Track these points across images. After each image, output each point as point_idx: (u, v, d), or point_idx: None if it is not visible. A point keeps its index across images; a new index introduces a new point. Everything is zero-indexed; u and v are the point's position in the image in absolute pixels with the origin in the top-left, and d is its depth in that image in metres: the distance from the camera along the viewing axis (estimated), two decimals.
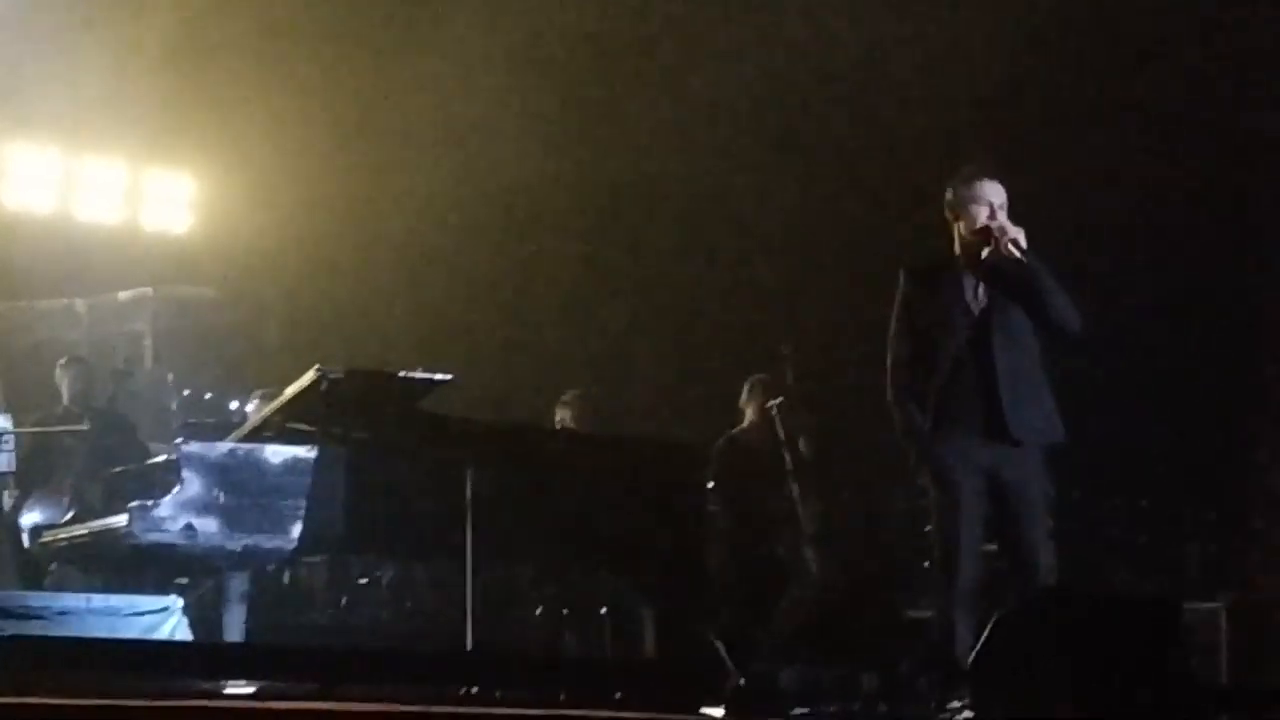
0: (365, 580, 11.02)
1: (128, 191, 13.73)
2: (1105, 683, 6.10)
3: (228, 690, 6.69)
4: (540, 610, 9.97)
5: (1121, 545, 10.28)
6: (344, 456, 7.86)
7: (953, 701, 6.63)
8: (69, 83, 12.32)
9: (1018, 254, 6.93)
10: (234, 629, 7.88)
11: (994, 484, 6.93)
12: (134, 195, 13.75)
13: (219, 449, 7.77)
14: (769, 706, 7.15)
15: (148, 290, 13.68)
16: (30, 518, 9.82)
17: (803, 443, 10.00)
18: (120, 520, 7.68)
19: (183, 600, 7.92)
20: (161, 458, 8.38)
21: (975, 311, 7.04)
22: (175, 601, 7.94)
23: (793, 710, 7.20)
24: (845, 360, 11.48)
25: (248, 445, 7.83)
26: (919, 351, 7.06)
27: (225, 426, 9.41)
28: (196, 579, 8.21)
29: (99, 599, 8.00)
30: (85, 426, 10.30)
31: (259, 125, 12.89)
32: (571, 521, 8.10)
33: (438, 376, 8.00)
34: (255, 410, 10.53)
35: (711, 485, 9.62)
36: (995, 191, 7.09)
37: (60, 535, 8.49)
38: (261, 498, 7.65)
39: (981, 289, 7.06)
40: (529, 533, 8.11)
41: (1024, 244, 6.94)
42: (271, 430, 8.04)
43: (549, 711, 6.34)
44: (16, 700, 5.35)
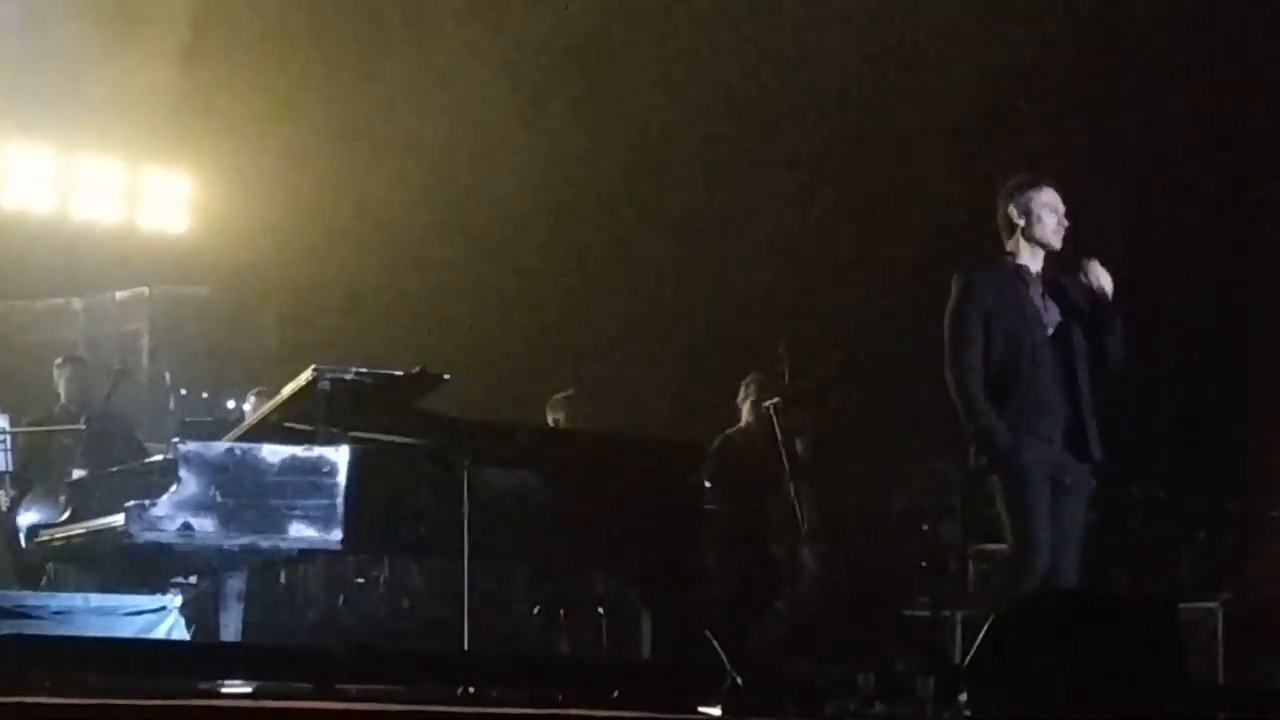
0: (362, 580, 11.02)
1: (125, 191, 13.73)
2: (1103, 683, 6.10)
3: (224, 689, 6.68)
4: (537, 610, 9.97)
5: (1121, 545, 10.27)
6: (341, 456, 7.84)
7: (952, 701, 6.64)
8: (67, 83, 12.32)
9: (1107, 294, 7.01)
10: (231, 628, 7.85)
11: (1056, 486, 7.00)
12: (131, 195, 13.75)
13: (216, 448, 7.74)
14: (766, 706, 7.13)
15: (145, 290, 13.66)
16: (27, 517, 9.81)
17: (799, 441, 10.00)
18: (117, 520, 7.65)
19: (180, 599, 7.91)
20: (158, 457, 8.33)
21: (1048, 323, 7.07)
22: (172, 601, 7.93)
23: (790, 710, 7.19)
24: (841, 359, 11.51)
25: (245, 445, 7.79)
26: (989, 356, 7.03)
27: (222, 426, 9.42)
28: (193, 578, 8.21)
29: (96, 598, 8.00)
30: (82, 426, 10.28)
31: (256, 125, 12.88)
32: (568, 520, 8.09)
33: (435, 375, 8.00)
34: (252, 409, 10.53)
35: (708, 484, 9.61)
36: (1058, 200, 7.11)
37: (57, 535, 8.47)
38: (259, 497, 7.62)
39: (1048, 298, 7.09)
40: (526, 532, 8.09)
41: (1110, 289, 7.02)
42: (269, 429, 8.03)
43: (546, 711, 6.35)
44: (12, 700, 5.34)
